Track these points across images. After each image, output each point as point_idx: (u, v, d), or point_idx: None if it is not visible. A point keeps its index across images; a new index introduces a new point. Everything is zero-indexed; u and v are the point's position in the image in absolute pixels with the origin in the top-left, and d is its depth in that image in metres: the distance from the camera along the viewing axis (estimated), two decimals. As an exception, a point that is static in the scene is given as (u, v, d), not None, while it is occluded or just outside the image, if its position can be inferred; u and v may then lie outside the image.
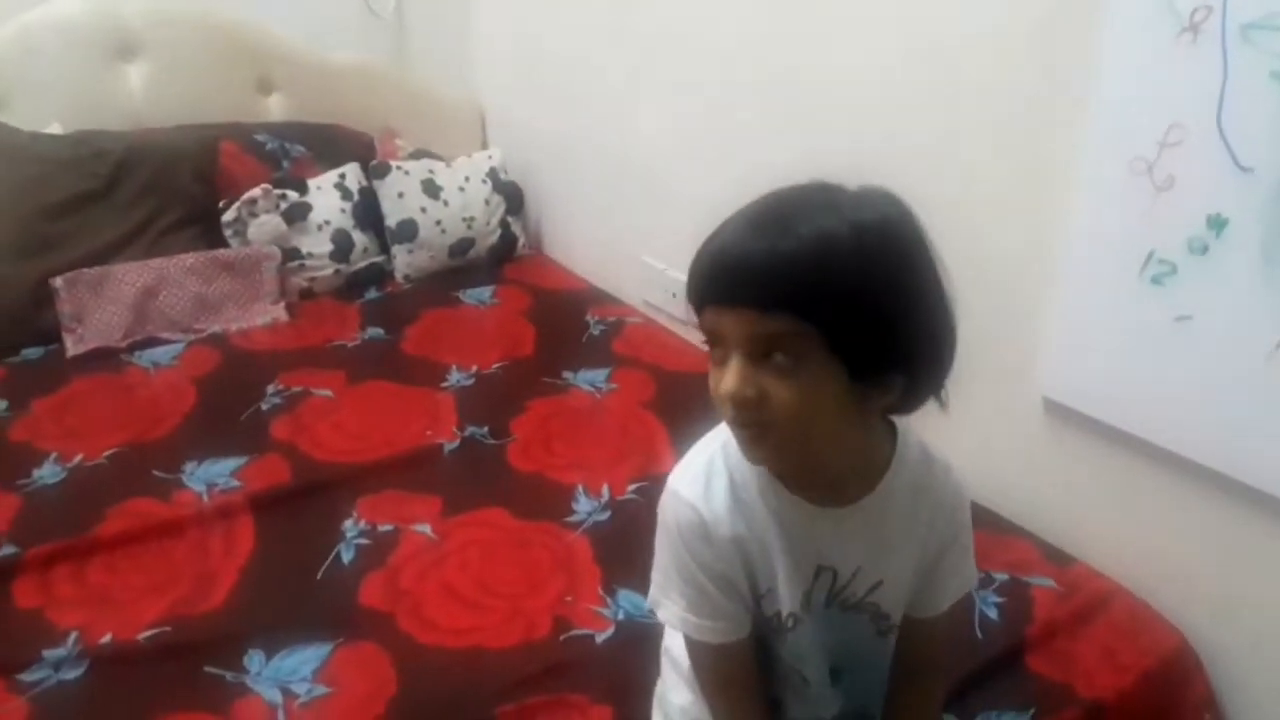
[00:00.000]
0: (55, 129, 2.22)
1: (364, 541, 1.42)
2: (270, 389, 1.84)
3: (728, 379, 0.75)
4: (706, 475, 0.87)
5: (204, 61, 2.45)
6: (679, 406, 1.80)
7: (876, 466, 0.87)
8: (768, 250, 0.73)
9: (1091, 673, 1.18)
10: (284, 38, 2.54)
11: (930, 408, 0.84)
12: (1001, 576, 1.32)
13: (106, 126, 2.27)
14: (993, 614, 1.27)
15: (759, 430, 0.78)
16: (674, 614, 0.90)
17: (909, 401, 0.82)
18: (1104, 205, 1.28)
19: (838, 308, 0.73)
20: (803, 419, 0.76)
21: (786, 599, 0.89)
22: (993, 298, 1.36)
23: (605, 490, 1.55)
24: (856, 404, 0.78)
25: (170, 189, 2.23)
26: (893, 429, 0.89)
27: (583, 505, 1.51)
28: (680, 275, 2.19)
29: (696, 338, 2.17)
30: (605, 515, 1.49)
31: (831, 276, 0.73)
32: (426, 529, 1.44)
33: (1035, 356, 1.41)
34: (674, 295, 2.23)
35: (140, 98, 2.38)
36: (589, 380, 1.92)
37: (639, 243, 2.33)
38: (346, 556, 1.38)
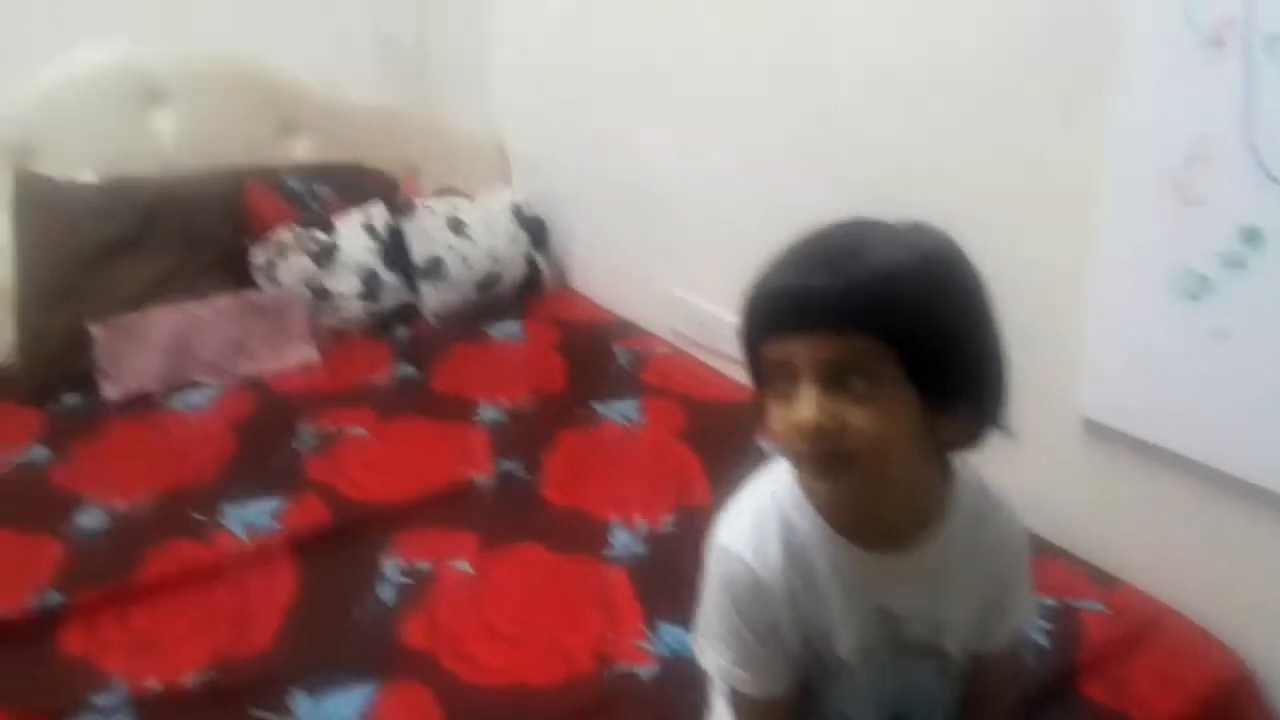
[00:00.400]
0: (87, 177, 2.26)
1: (404, 580, 1.42)
2: (305, 429, 1.85)
3: (802, 409, 0.73)
4: (758, 525, 0.86)
5: (229, 106, 2.49)
6: (711, 436, 1.80)
7: (933, 511, 0.85)
8: (840, 274, 0.72)
9: (1147, 699, 1.16)
10: (306, 80, 2.59)
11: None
12: (1049, 602, 1.30)
13: (136, 173, 2.31)
14: (1041, 639, 1.25)
15: (836, 462, 0.76)
16: (717, 664, 0.90)
17: (973, 435, 0.81)
18: (1132, 221, 1.28)
19: (914, 327, 0.72)
20: (882, 447, 0.74)
21: (842, 645, 0.88)
22: (1025, 319, 1.33)
23: (641, 524, 1.55)
24: (927, 435, 0.77)
25: (200, 233, 2.27)
26: (948, 471, 0.87)
27: (619, 539, 1.51)
28: (708, 304, 2.21)
29: (727, 367, 2.18)
30: (643, 549, 1.48)
31: (906, 297, 0.72)
32: (465, 565, 1.44)
33: (1073, 377, 1.40)
34: (701, 324, 2.24)
35: (168, 144, 2.42)
36: (620, 411, 1.92)
37: (665, 273, 2.34)
38: (386, 595, 1.38)
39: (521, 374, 2.12)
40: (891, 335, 0.72)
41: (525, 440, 1.81)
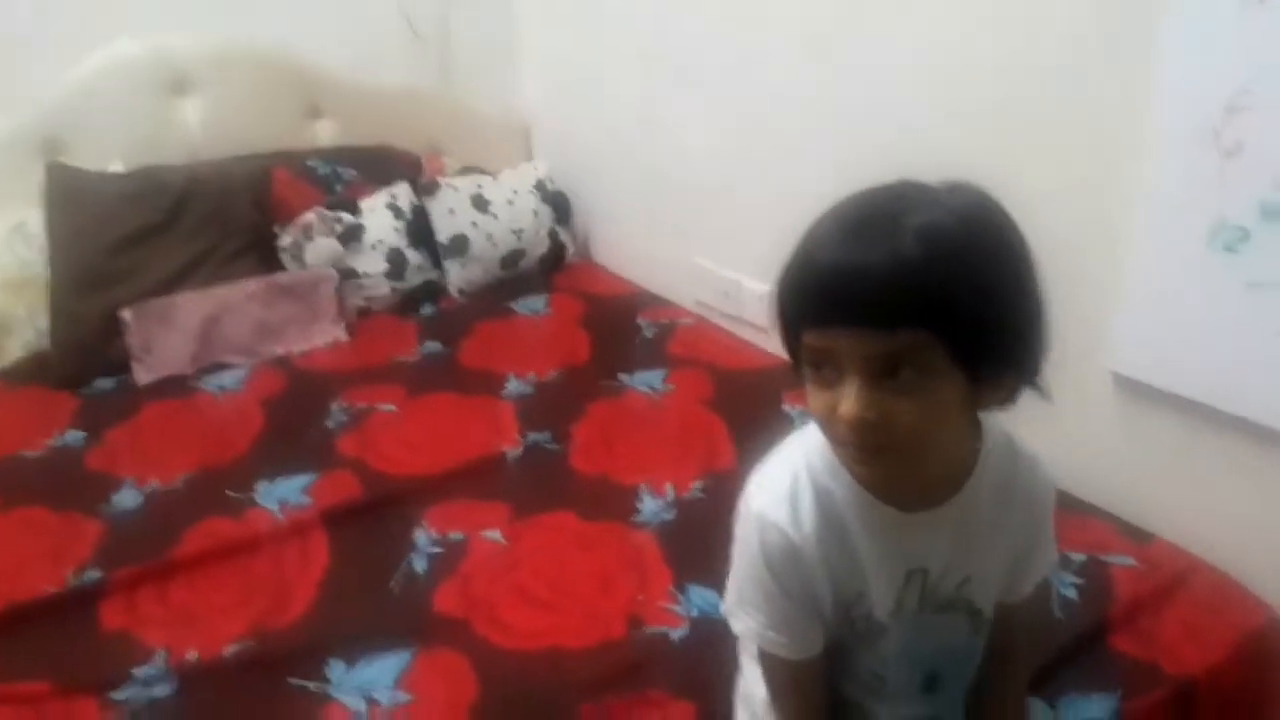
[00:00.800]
0: (117, 167, 2.29)
1: (436, 550, 1.43)
2: (335, 406, 1.87)
3: (848, 404, 0.71)
4: (792, 494, 0.85)
5: (254, 92, 2.51)
6: (739, 404, 1.80)
7: (964, 465, 0.85)
8: (883, 260, 0.69)
9: (1177, 650, 1.15)
10: (329, 65, 2.60)
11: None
12: (1079, 557, 1.29)
13: (165, 161, 2.34)
14: (1071, 594, 1.24)
15: (880, 451, 0.74)
16: (750, 628, 0.90)
17: (1013, 395, 0.79)
18: (1171, 174, 1.25)
19: (962, 312, 0.69)
20: (926, 433, 0.73)
21: (877, 605, 0.88)
22: (1057, 273, 1.32)
23: (669, 490, 1.55)
24: (969, 404, 0.76)
25: (229, 218, 2.29)
26: (977, 424, 0.86)
27: (648, 505, 1.51)
28: (731, 273, 2.20)
29: (752, 335, 2.17)
30: (671, 514, 1.49)
31: (953, 278, 0.69)
32: (496, 535, 1.46)
33: (1103, 332, 1.38)
34: (726, 294, 2.23)
35: (196, 131, 2.44)
36: (645, 382, 1.93)
37: (688, 244, 2.33)
38: (419, 565, 1.40)
39: (548, 348, 2.13)
40: (939, 325, 0.69)
41: (553, 412, 1.82)
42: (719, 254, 2.25)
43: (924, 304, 0.68)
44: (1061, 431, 1.45)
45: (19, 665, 1.23)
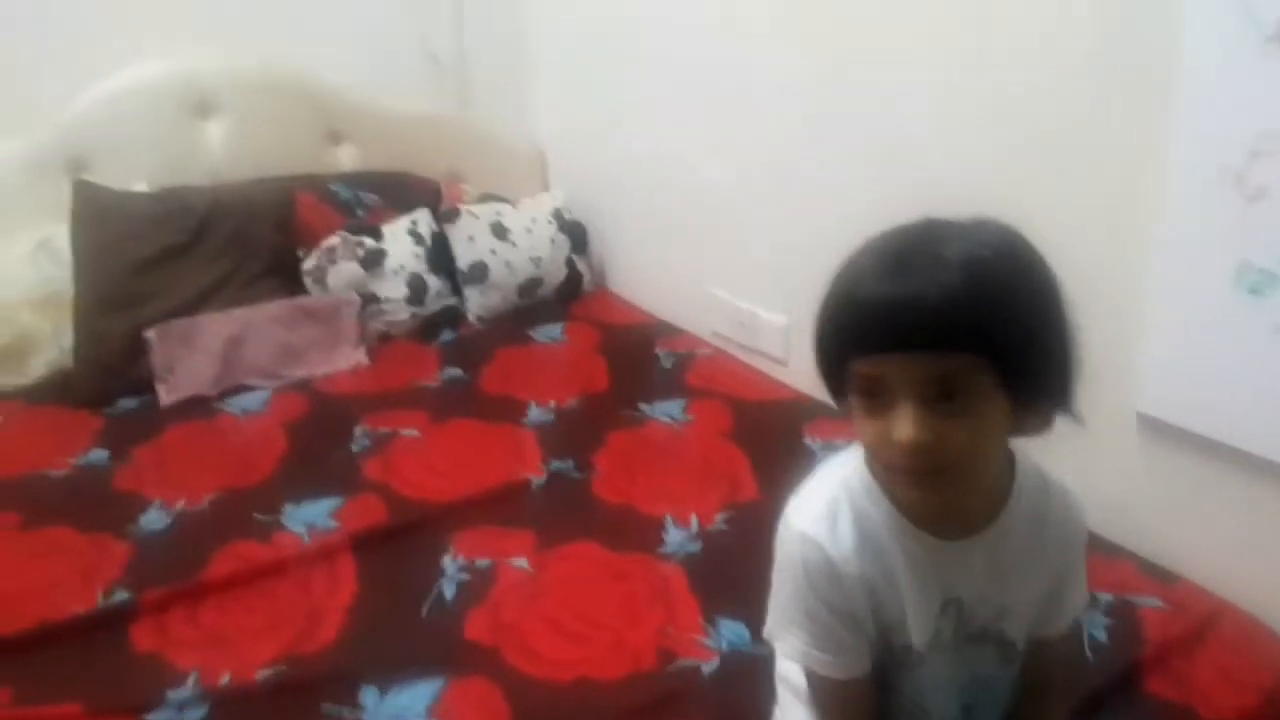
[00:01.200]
0: (141, 187, 2.32)
1: (464, 577, 1.44)
2: (358, 431, 1.88)
3: (904, 428, 0.74)
4: (831, 512, 0.87)
5: (278, 116, 2.54)
6: (759, 435, 1.81)
7: (999, 494, 0.87)
8: (931, 290, 0.72)
9: (1211, 693, 1.16)
10: (352, 90, 2.63)
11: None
12: (1106, 597, 1.31)
13: (188, 182, 2.37)
14: (1101, 635, 1.25)
15: (932, 475, 0.77)
16: (795, 648, 0.91)
17: (1048, 422, 0.82)
18: (1195, 218, 1.28)
19: (1006, 335, 0.73)
20: (976, 455, 0.77)
21: (915, 633, 0.89)
22: (1081, 311, 1.36)
23: (694, 521, 1.56)
24: (1010, 432, 0.79)
25: (252, 240, 2.31)
26: (1011, 455, 0.89)
27: (673, 536, 1.53)
28: (746, 304, 2.22)
29: (768, 366, 2.19)
30: (696, 546, 1.50)
31: (999, 305, 0.73)
32: (524, 563, 1.47)
33: (1128, 371, 1.40)
34: (742, 324, 2.25)
35: (219, 153, 2.47)
36: (665, 412, 1.94)
37: (705, 275, 2.36)
38: (449, 592, 1.40)
39: (566, 375, 2.14)
40: (989, 348, 0.73)
41: (575, 440, 1.84)
42: (735, 285, 2.28)
43: (972, 328, 0.72)
44: (1084, 469, 1.46)
45: (51, 687, 1.23)
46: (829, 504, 0.88)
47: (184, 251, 2.22)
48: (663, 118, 2.38)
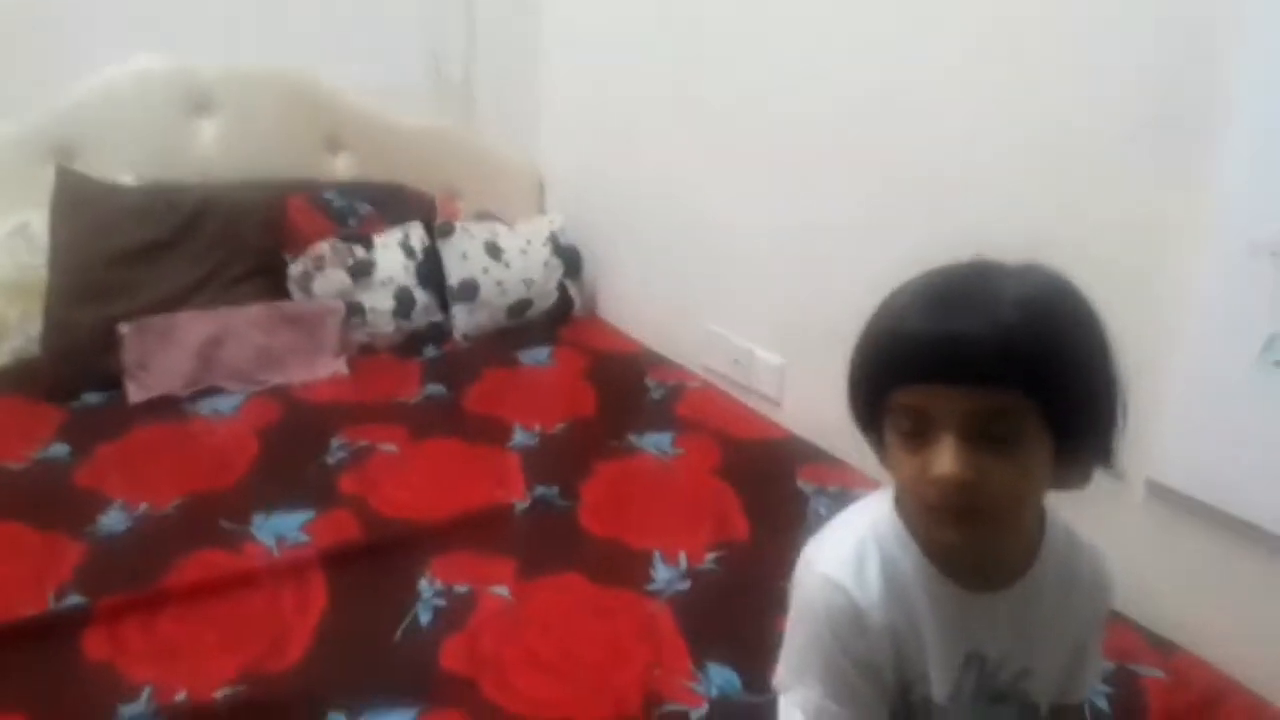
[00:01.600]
0: (127, 179, 2.25)
1: (441, 602, 1.37)
2: (335, 442, 1.81)
3: (944, 461, 0.72)
4: (858, 557, 0.83)
5: (275, 119, 2.49)
6: (750, 475, 1.76)
7: (1029, 549, 0.84)
8: (983, 325, 0.71)
9: (1217, 771, 1.12)
10: (353, 98, 2.59)
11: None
12: (1108, 665, 1.26)
13: (178, 179, 2.30)
14: (1103, 704, 1.20)
15: (969, 515, 0.74)
16: (809, 700, 0.85)
17: (1089, 475, 0.79)
18: (1226, 288, 1.26)
19: (1056, 376, 0.71)
20: (1017, 498, 0.74)
21: (936, 686, 0.85)
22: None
23: (683, 558, 1.50)
24: (1051, 482, 0.76)
25: (238, 242, 2.24)
26: (1043, 512, 0.86)
27: (661, 573, 1.47)
28: (744, 341, 2.19)
29: (759, 405, 2.14)
30: (685, 585, 1.44)
31: (1052, 345, 0.71)
32: (504, 591, 1.40)
33: (1141, 435, 1.36)
34: (737, 361, 2.21)
35: (212, 152, 2.41)
36: (654, 444, 1.89)
37: (700, 308, 2.32)
38: (424, 617, 1.33)
39: (553, 400, 2.09)
40: (1036, 387, 0.71)
41: (560, 466, 1.78)
42: (731, 321, 2.24)
43: (1024, 365, 0.70)
44: (1089, 531, 1.44)
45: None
46: (856, 548, 0.84)
47: (165, 248, 2.15)
48: (668, 149, 2.35)
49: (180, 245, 2.17)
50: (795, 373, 2.08)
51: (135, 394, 1.95)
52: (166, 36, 2.34)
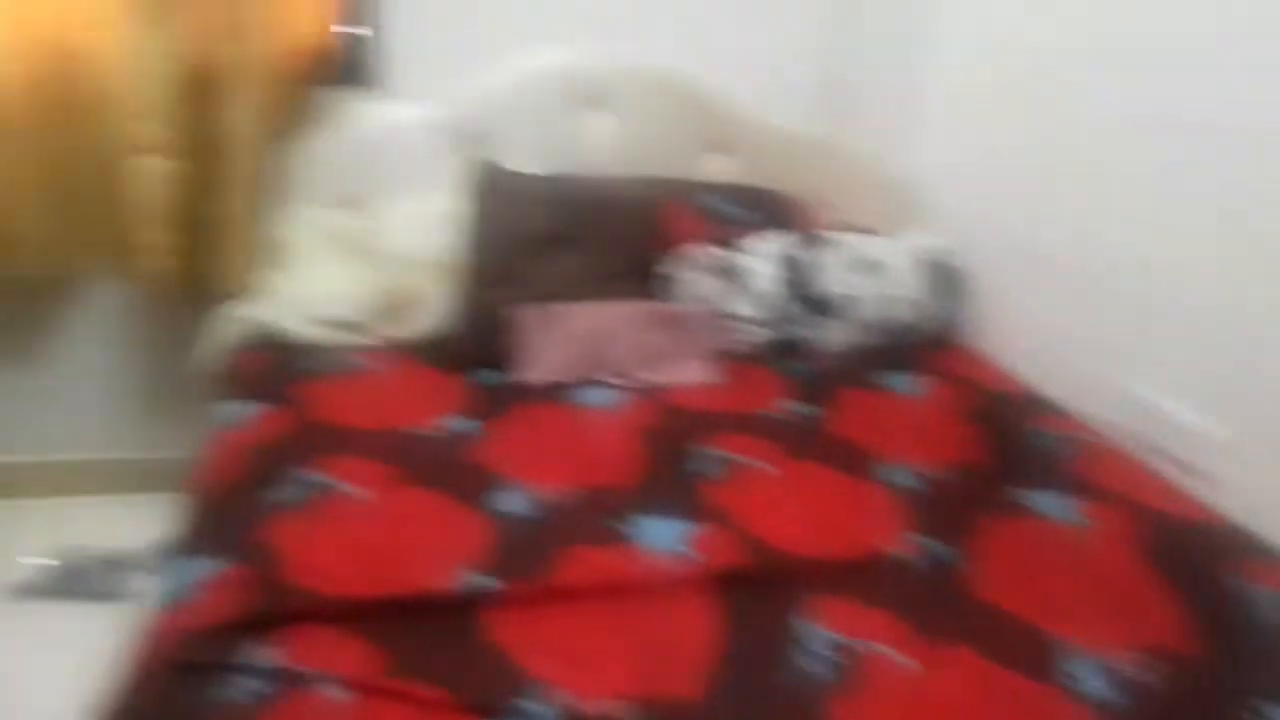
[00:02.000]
0: (532, 169, 2.38)
1: (827, 653, 1.28)
2: (705, 450, 1.78)
3: None
4: None
5: (662, 117, 2.54)
6: (1180, 561, 1.50)
7: None
8: None
9: None
10: (737, 100, 2.58)
11: None
12: None
13: (568, 170, 2.41)
14: None
15: None
16: None
17: None
18: None
19: None
20: None
21: None
22: None
23: (1108, 658, 1.30)
24: None
25: (618, 237, 2.30)
26: None
27: (1079, 670, 1.28)
28: (1169, 399, 1.85)
29: (1180, 477, 1.78)
30: (1115, 693, 1.24)
31: None
32: (896, 655, 1.29)
33: None
34: (1153, 420, 1.91)
35: (601, 147, 2.50)
36: (1053, 506, 1.68)
37: (1111, 352, 2.03)
38: (811, 665, 1.25)
39: (927, 436, 1.93)
40: None
41: (943, 516, 1.63)
42: (1155, 372, 1.92)
43: None
44: None
45: (415, 662, 1.21)
46: None
47: (561, 239, 2.24)
48: (1083, 172, 2.10)
49: (572, 237, 2.26)
50: (1250, 449, 1.74)
51: (526, 375, 2.05)
52: (565, 31, 2.46)
